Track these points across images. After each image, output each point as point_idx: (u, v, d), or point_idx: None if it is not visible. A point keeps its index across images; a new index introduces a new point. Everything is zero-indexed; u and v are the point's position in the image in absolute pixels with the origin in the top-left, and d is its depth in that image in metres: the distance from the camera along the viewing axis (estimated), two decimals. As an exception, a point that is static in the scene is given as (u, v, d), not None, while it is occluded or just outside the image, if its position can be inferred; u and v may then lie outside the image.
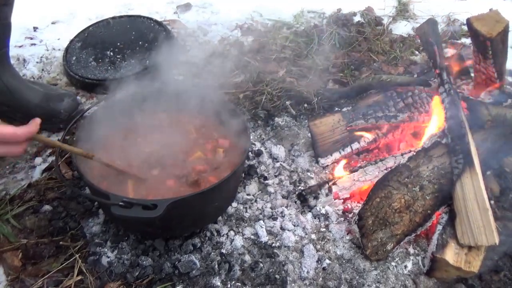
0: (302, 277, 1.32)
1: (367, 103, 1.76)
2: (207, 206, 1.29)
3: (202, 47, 2.37)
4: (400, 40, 2.43)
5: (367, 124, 1.66)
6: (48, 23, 2.45)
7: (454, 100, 1.45)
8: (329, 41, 2.36)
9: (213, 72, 2.17)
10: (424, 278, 1.35)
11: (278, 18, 2.59)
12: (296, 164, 1.68)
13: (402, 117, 1.63)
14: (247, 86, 2.05)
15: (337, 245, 1.41)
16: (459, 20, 2.61)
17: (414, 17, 2.69)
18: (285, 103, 1.97)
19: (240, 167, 1.32)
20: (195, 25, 2.53)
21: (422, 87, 1.68)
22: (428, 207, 1.36)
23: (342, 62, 2.23)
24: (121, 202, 1.06)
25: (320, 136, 1.69)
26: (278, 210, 1.49)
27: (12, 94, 1.69)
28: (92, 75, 2.00)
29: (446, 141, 1.42)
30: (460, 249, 1.29)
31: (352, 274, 1.33)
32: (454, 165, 1.37)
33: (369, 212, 1.35)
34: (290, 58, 2.24)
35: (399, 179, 1.38)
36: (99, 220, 1.44)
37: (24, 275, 1.29)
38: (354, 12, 2.63)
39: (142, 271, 1.29)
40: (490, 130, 1.45)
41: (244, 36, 2.44)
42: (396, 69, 2.22)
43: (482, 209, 1.26)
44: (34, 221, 1.44)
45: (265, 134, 1.82)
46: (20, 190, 1.54)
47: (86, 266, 1.31)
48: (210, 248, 1.36)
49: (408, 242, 1.41)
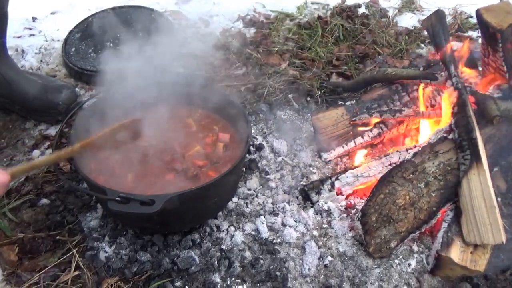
0: (303, 274, 1.30)
1: (372, 97, 1.73)
2: (207, 201, 1.27)
3: (204, 38, 2.33)
4: (406, 33, 2.39)
5: (371, 118, 1.63)
6: (48, 14, 2.42)
7: (462, 94, 1.41)
8: (333, 33, 2.32)
9: (214, 64, 2.14)
10: (428, 276, 1.32)
11: (281, 9, 2.55)
12: (298, 158, 1.65)
13: (408, 111, 1.59)
14: (249, 78, 2.02)
15: (339, 242, 1.38)
16: (466, 13, 2.56)
17: (420, 9, 2.64)
18: (287, 96, 1.94)
19: (241, 162, 1.29)
20: (196, 16, 2.49)
21: (429, 80, 1.63)
22: (433, 204, 1.33)
23: (346, 54, 2.19)
24: (118, 197, 1.04)
25: (323, 130, 1.65)
26: (280, 205, 1.47)
27: (10, 86, 1.67)
28: (91, 67, 1.97)
29: (453, 137, 1.39)
30: (466, 248, 1.26)
31: (355, 272, 1.31)
32: (461, 161, 1.33)
33: (373, 209, 1.32)
34: (293, 50, 2.21)
35: (403, 175, 1.35)
36: (97, 214, 1.42)
37: (20, 269, 1.28)
38: (358, 4, 2.59)
39: (140, 267, 1.27)
40: (498, 125, 1.41)
41: (246, 28, 2.41)
42: (401, 62, 2.18)
43: (489, 206, 1.23)
44: (31, 215, 1.43)
45: (267, 128, 1.79)
46: (18, 183, 1.52)
47: (83, 261, 1.29)
48: (209, 244, 1.34)
49: (412, 240, 1.38)
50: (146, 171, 1.32)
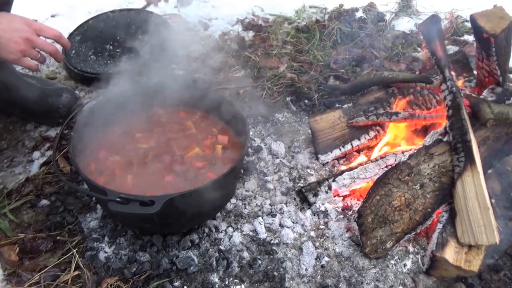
0: (300, 274, 1.31)
1: (369, 99, 1.75)
2: (206, 203, 1.28)
3: (203, 41, 2.35)
4: (403, 37, 2.41)
5: (368, 121, 1.65)
6: (48, 16, 2.43)
7: (456, 97, 1.43)
8: (331, 37, 2.34)
9: (213, 67, 2.16)
10: (424, 276, 1.34)
11: (279, 13, 2.57)
12: (296, 160, 1.66)
13: (404, 114, 1.61)
14: (247, 81, 2.04)
15: (336, 242, 1.40)
16: (462, 17, 2.59)
17: (416, 13, 2.66)
18: (285, 99, 1.96)
19: (239, 163, 1.31)
20: (195, 19, 2.51)
21: (424, 84, 1.66)
22: (428, 205, 1.34)
23: (344, 58, 2.21)
24: (118, 198, 1.05)
25: (321, 133, 1.67)
26: (277, 206, 1.48)
27: (10, 92, 1.68)
28: (91, 69, 1.99)
29: (448, 139, 1.41)
30: (460, 248, 1.28)
31: (351, 272, 1.33)
32: (455, 163, 1.35)
33: (369, 210, 1.33)
34: (291, 53, 2.23)
35: (399, 177, 1.37)
36: (97, 215, 1.44)
37: (21, 269, 1.29)
38: (356, 8, 2.61)
39: (139, 267, 1.29)
40: (492, 128, 1.43)
41: (245, 31, 2.42)
42: (398, 65, 2.20)
43: (483, 208, 1.25)
44: (32, 216, 1.44)
45: (265, 130, 1.80)
46: (18, 184, 1.53)
47: (83, 261, 1.30)
48: (208, 245, 1.35)
49: (407, 241, 1.40)
50: (146, 172, 1.33)
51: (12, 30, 1.22)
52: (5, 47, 1.21)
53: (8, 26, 1.22)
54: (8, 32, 1.22)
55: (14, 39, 1.22)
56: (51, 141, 1.71)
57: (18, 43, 1.23)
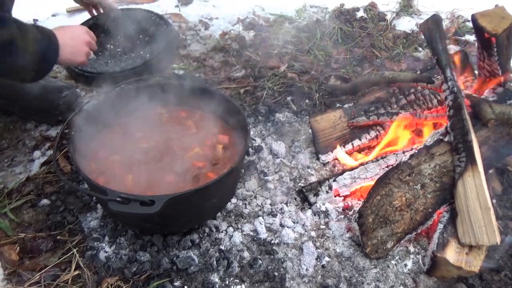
0: (301, 274, 1.31)
1: (369, 99, 1.75)
2: (206, 202, 1.28)
3: (203, 41, 2.35)
4: (404, 36, 2.41)
5: (368, 121, 1.65)
6: (49, 15, 2.43)
7: (457, 97, 1.43)
8: (332, 37, 2.34)
9: (214, 66, 2.16)
10: (424, 277, 1.34)
11: (280, 12, 2.57)
12: (297, 160, 1.66)
13: (405, 114, 1.61)
14: (248, 81, 2.04)
15: (336, 242, 1.40)
16: (463, 17, 2.59)
17: (418, 13, 2.66)
18: (286, 98, 1.95)
19: (240, 163, 1.30)
20: (196, 18, 2.51)
21: (425, 84, 1.65)
22: (429, 205, 1.34)
23: (345, 58, 2.21)
24: (118, 197, 1.05)
25: (321, 133, 1.67)
26: (278, 206, 1.48)
27: (11, 87, 1.68)
28: (91, 68, 1.98)
29: (449, 139, 1.41)
30: (461, 248, 1.28)
31: (352, 272, 1.32)
32: (456, 163, 1.35)
33: (370, 210, 1.33)
34: (292, 53, 2.23)
35: (400, 177, 1.36)
36: (97, 214, 1.44)
37: (21, 269, 1.29)
38: (357, 7, 2.61)
39: (140, 267, 1.28)
40: (493, 128, 1.43)
41: (246, 31, 2.42)
42: (399, 65, 2.20)
43: (484, 208, 1.25)
44: (32, 215, 1.44)
45: (265, 130, 1.80)
46: (18, 184, 1.53)
47: (83, 260, 1.30)
48: (208, 244, 1.35)
49: (408, 241, 1.40)
50: (146, 172, 1.33)
51: (78, 37, 1.44)
52: (77, 52, 1.42)
53: (74, 35, 1.43)
54: (75, 40, 1.43)
55: (81, 45, 1.45)
56: (52, 141, 1.71)
57: (85, 47, 1.46)
